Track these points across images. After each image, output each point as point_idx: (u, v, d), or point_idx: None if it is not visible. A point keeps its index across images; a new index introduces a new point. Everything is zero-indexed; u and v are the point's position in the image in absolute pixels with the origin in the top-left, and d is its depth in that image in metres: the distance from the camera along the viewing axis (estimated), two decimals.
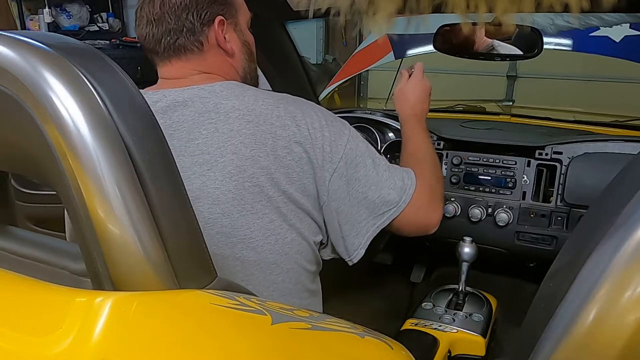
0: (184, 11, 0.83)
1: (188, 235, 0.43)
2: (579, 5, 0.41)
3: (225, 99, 0.81)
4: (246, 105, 0.81)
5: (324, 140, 0.84)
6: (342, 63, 2.79)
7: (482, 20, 0.45)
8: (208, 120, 0.80)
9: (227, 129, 0.79)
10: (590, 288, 0.45)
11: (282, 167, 0.80)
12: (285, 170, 0.81)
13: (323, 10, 0.49)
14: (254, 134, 0.79)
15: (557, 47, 2.12)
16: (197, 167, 0.79)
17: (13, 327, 0.39)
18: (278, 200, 0.81)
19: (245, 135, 0.79)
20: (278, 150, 0.80)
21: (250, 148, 0.79)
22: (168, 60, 0.85)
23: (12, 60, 0.38)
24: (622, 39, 2.07)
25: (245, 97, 0.82)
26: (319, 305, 0.94)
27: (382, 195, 0.87)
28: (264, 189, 0.80)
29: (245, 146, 0.79)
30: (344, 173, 0.85)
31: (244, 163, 0.79)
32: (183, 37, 0.83)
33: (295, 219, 0.83)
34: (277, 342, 0.45)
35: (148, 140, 0.41)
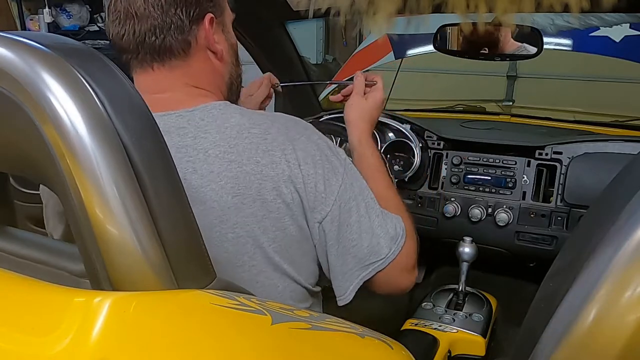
0: (172, 5, 0.72)
1: (187, 236, 0.43)
2: (579, 5, 0.41)
3: (204, 132, 0.71)
4: (228, 140, 0.70)
5: (317, 179, 0.73)
6: (342, 63, 2.79)
7: (482, 20, 0.45)
8: (186, 158, 0.70)
9: (207, 170, 0.69)
10: (590, 288, 0.45)
11: (269, 213, 0.71)
12: (275, 216, 0.72)
13: (323, 10, 0.49)
14: (236, 177, 0.69)
15: (557, 47, 2.12)
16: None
17: (12, 326, 0.39)
18: (267, 250, 0.73)
19: (227, 178, 0.69)
20: (265, 193, 0.70)
21: (233, 194, 0.69)
22: (150, 65, 0.74)
23: (10, 61, 0.38)
24: (622, 39, 2.07)
25: (228, 128, 0.71)
26: (318, 306, 0.92)
27: (371, 245, 0.78)
28: (250, 239, 0.72)
29: (227, 192, 0.69)
30: (336, 217, 0.75)
31: (226, 212, 0.70)
32: (170, 35, 0.72)
33: (286, 266, 0.76)
34: (277, 342, 0.45)
35: (146, 140, 0.41)
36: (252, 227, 0.71)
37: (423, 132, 1.43)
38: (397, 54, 2.32)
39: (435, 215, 1.38)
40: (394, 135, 1.45)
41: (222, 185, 0.69)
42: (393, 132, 1.46)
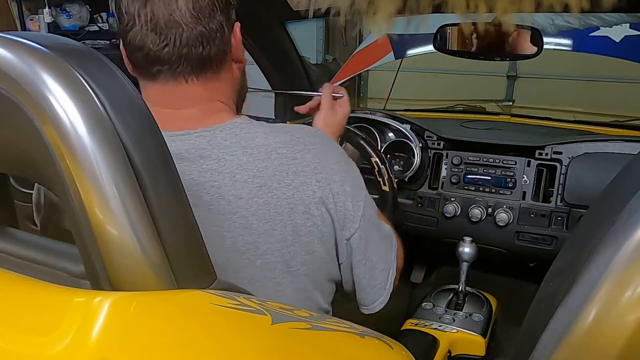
0: (217, 11, 0.64)
1: (187, 236, 0.43)
2: (579, 5, 0.41)
3: (230, 154, 0.65)
4: (256, 163, 0.65)
5: (346, 197, 0.71)
6: (342, 63, 2.79)
7: (482, 20, 0.45)
8: (210, 183, 0.64)
9: (235, 196, 0.64)
10: (590, 288, 0.45)
11: (300, 237, 0.68)
12: (305, 240, 0.68)
13: (323, 10, 0.49)
14: (267, 203, 0.65)
15: (557, 47, 2.12)
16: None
17: (12, 326, 0.39)
18: (294, 274, 0.70)
19: (258, 205, 0.65)
20: (296, 217, 0.67)
21: (264, 221, 0.65)
22: (184, 78, 0.66)
23: (9, 61, 0.38)
24: (622, 39, 2.07)
25: (254, 149, 0.66)
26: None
27: (387, 255, 0.79)
28: (279, 265, 0.68)
29: (258, 219, 0.65)
30: (363, 234, 0.74)
31: (256, 240, 0.66)
32: (215, 45, 0.66)
33: (311, 288, 0.73)
34: (277, 342, 0.45)
35: (147, 141, 0.41)
36: (282, 252, 0.67)
37: (423, 132, 1.43)
38: (397, 54, 2.32)
39: (435, 215, 1.38)
40: (394, 135, 1.45)
41: (252, 212, 0.65)
42: (393, 132, 1.46)
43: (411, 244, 1.58)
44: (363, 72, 3.78)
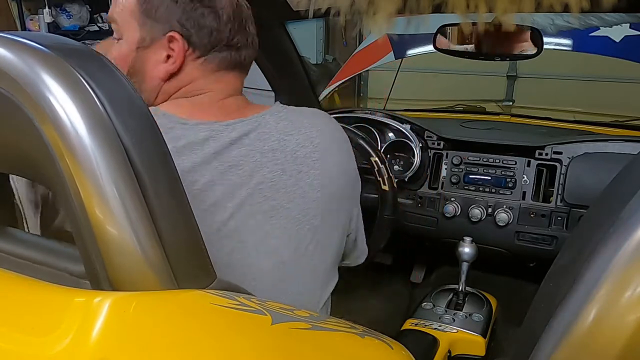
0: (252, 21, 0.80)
1: (187, 236, 0.43)
2: (579, 5, 0.41)
3: (286, 134, 0.73)
4: (310, 140, 0.74)
5: (355, 169, 0.82)
6: (342, 63, 2.79)
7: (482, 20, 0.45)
8: (273, 162, 0.71)
9: (296, 170, 0.72)
10: (590, 288, 0.45)
11: (334, 205, 0.77)
12: (336, 207, 0.78)
13: (323, 10, 0.49)
14: (321, 175, 0.73)
15: (557, 47, 2.11)
16: (260, 215, 0.70)
17: (12, 326, 0.39)
18: (326, 241, 0.77)
19: (314, 176, 0.73)
20: (333, 188, 0.76)
21: (317, 190, 0.73)
22: (235, 71, 0.77)
23: (9, 61, 0.38)
24: (622, 39, 2.07)
25: (302, 128, 0.75)
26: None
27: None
28: (318, 229, 0.74)
29: (313, 188, 0.72)
30: (358, 203, 0.87)
31: (309, 206, 0.72)
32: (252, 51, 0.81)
33: (335, 260, 0.83)
34: (277, 342, 0.45)
35: (147, 141, 0.41)
36: (321, 219, 0.75)
37: (423, 132, 1.43)
38: (397, 54, 2.32)
39: (435, 215, 1.38)
40: (394, 135, 1.45)
41: (309, 183, 0.73)
42: (393, 132, 1.46)
43: (411, 244, 1.60)
44: (363, 72, 3.78)
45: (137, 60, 0.73)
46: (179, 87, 0.74)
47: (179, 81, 0.74)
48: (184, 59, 0.72)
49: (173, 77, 0.73)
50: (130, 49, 0.73)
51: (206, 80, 0.74)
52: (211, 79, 0.74)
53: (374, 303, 1.62)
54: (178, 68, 0.72)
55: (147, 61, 0.73)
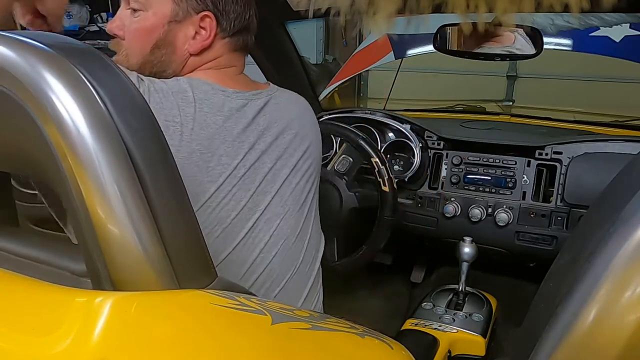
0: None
1: (188, 236, 0.43)
2: (579, 5, 0.41)
3: (290, 107, 0.90)
4: (303, 109, 0.92)
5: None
6: (342, 63, 2.79)
7: (482, 20, 0.45)
8: (289, 127, 0.86)
9: (304, 136, 0.89)
10: (590, 288, 0.45)
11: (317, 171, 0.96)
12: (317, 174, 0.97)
13: (323, 10, 0.49)
14: (317, 138, 0.93)
15: (557, 47, 2.11)
16: (287, 169, 0.85)
17: (13, 327, 0.39)
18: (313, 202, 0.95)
19: (314, 140, 0.92)
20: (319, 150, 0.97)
21: (317, 148, 0.93)
22: (244, 52, 0.87)
23: (11, 60, 0.38)
24: (622, 39, 2.07)
25: (299, 105, 0.93)
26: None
27: None
28: (308, 186, 0.92)
29: (316, 147, 0.92)
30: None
31: (314, 162, 0.92)
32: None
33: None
34: (277, 342, 0.45)
35: (148, 139, 0.41)
36: (314, 177, 0.94)
37: (423, 132, 1.43)
38: (397, 54, 2.32)
39: (435, 215, 1.38)
40: (394, 135, 1.45)
41: (315, 145, 0.93)
42: (393, 132, 1.46)
43: (411, 244, 1.60)
44: (363, 72, 3.78)
45: (168, 34, 0.79)
46: (205, 62, 0.82)
47: (207, 57, 0.81)
48: (214, 37, 0.80)
49: (203, 52, 0.81)
50: (161, 22, 0.78)
51: (228, 57, 0.83)
52: (231, 56, 0.84)
53: (374, 303, 1.61)
54: (209, 45, 0.80)
55: (177, 35, 0.79)
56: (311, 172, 0.90)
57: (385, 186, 1.17)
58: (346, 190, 1.25)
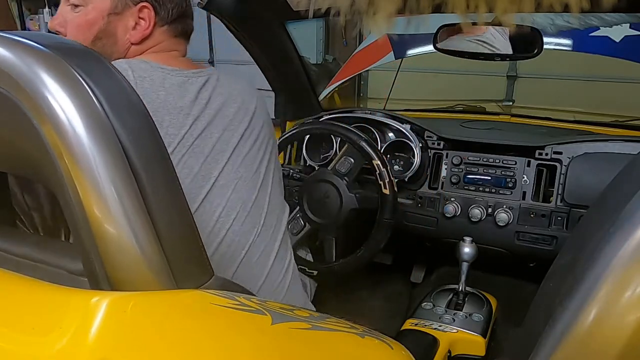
0: None
1: (184, 234, 0.43)
2: (579, 5, 0.41)
3: (232, 85, 0.91)
4: (244, 84, 0.95)
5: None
6: (342, 63, 2.79)
7: (482, 20, 0.45)
8: (231, 102, 0.89)
9: (246, 110, 0.92)
10: (590, 288, 0.45)
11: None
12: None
13: (323, 10, 0.49)
14: (262, 108, 0.95)
15: (557, 47, 2.11)
16: (236, 138, 0.88)
17: (11, 326, 0.39)
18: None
19: (259, 110, 0.94)
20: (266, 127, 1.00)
21: (262, 117, 0.94)
22: (185, 38, 0.91)
23: (8, 60, 0.38)
24: (622, 39, 2.06)
25: (240, 83, 0.94)
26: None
27: None
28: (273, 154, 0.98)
29: (261, 117, 0.94)
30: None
31: (262, 130, 0.94)
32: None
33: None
34: (277, 342, 0.45)
35: (144, 139, 0.41)
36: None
37: (423, 132, 1.43)
38: (397, 54, 2.32)
39: (435, 215, 1.38)
40: (394, 135, 1.45)
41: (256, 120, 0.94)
42: (393, 132, 1.46)
43: (411, 244, 1.59)
44: (363, 72, 3.78)
45: (108, 26, 0.83)
46: (146, 49, 0.86)
47: (148, 44, 0.86)
48: (154, 26, 0.85)
49: (144, 40, 0.86)
50: (100, 15, 0.83)
51: (169, 42, 0.88)
52: (172, 42, 0.88)
53: (374, 303, 1.61)
54: (149, 33, 0.85)
55: (118, 26, 0.84)
56: (262, 140, 0.93)
57: (385, 189, 1.17)
58: (346, 191, 1.25)
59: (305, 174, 1.38)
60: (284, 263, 0.96)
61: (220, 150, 0.85)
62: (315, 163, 1.49)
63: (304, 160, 1.53)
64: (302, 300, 1.04)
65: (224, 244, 0.84)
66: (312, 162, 1.50)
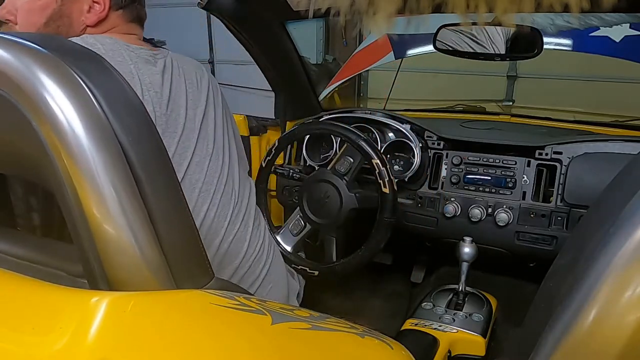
0: None
1: (184, 235, 0.43)
2: (579, 5, 0.41)
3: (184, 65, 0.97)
4: (196, 66, 1.00)
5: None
6: (342, 63, 2.79)
7: (482, 20, 0.45)
8: (189, 81, 0.93)
9: (200, 85, 0.97)
10: (590, 288, 0.45)
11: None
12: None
13: (323, 10, 0.49)
14: (214, 87, 1.01)
15: (557, 47, 2.11)
16: (198, 117, 0.92)
17: (10, 326, 0.39)
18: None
19: (211, 90, 0.99)
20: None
21: (214, 95, 1.00)
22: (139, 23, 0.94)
23: (7, 61, 0.38)
24: (622, 39, 2.07)
25: (189, 61, 0.99)
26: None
27: None
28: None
29: (212, 95, 0.99)
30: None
31: (217, 108, 0.99)
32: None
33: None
34: (277, 342, 0.45)
35: (143, 140, 0.41)
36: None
37: (423, 132, 1.43)
38: (397, 54, 2.32)
39: (435, 215, 1.38)
40: (394, 135, 1.45)
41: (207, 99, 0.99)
42: (393, 132, 1.46)
43: (411, 244, 1.60)
44: (363, 72, 3.78)
45: (61, 8, 0.86)
46: (103, 31, 0.88)
47: (104, 27, 0.89)
48: (109, 9, 0.88)
49: (100, 23, 0.88)
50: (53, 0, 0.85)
51: (125, 26, 0.91)
52: (128, 26, 0.91)
53: (374, 303, 1.62)
54: (105, 16, 0.88)
55: (72, 9, 0.86)
56: (220, 114, 0.97)
57: (385, 188, 1.17)
58: (346, 190, 1.25)
59: (305, 174, 1.38)
60: (261, 232, 1.01)
61: (190, 129, 0.88)
62: (315, 163, 1.49)
63: (304, 160, 1.53)
64: (284, 280, 1.08)
65: (207, 219, 0.88)
66: (312, 162, 1.50)
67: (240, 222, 0.95)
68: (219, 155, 0.94)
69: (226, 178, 0.94)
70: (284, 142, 1.38)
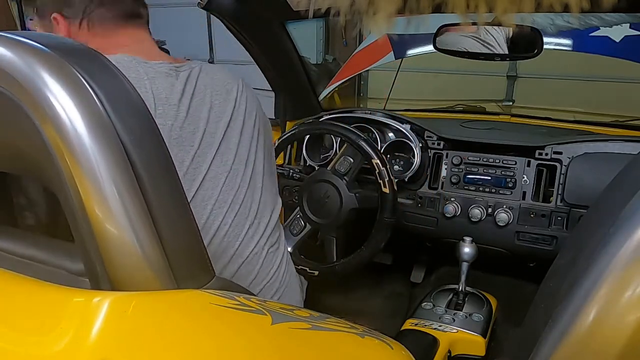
0: None
1: (186, 235, 0.43)
2: (579, 5, 0.41)
3: (212, 78, 0.93)
4: (229, 76, 0.94)
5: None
6: (342, 63, 2.79)
7: (482, 20, 0.45)
8: (215, 95, 0.89)
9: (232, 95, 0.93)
10: (590, 288, 0.45)
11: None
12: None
13: (323, 10, 0.49)
14: (252, 99, 0.95)
15: (557, 47, 2.11)
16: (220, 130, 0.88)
17: (11, 326, 0.39)
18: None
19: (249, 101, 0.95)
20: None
21: (250, 108, 0.94)
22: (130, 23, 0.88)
23: (10, 60, 0.38)
24: (622, 39, 2.06)
25: (220, 69, 0.94)
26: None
27: None
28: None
29: (245, 107, 0.93)
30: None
31: (250, 120, 0.94)
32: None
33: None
34: (277, 342, 0.45)
35: (146, 140, 0.41)
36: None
37: (423, 132, 1.43)
38: (397, 54, 2.32)
39: (435, 215, 1.38)
40: (394, 135, 1.45)
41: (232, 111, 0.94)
42: (393, 132, 1.46)
43: (411, 244, 1.60)
44: (363, 72, 3.78)
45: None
46: (109, 46, 0.83)
47: (109, 41, 0.84)
48: (70, 30, 0.84)
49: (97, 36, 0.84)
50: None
51: (108, 40, 0.84)
52: (112, 38, 0.84)
53: (374, 303, 1.62)
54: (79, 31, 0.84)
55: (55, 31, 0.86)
56: (252, 131, 0.92)
57: (385, 188, 1.17)
58: (346, 190, 1.25)
59: (305, 174, 1.38)
60: (278, 257, 0.95)
61: (208, 143, 0.84)
62: (315, 163, 1.49)
63: (303, 160, 1.53)
64: (298, 297, 1.04)
65: (217, 238, 0.84)
66: (312, 162, 1.50)
67: (255, 245, 0.90)
68: (238, 171, 0.88)
69: (244, 196, 0.88)
70: (284, 142, 1.38)
